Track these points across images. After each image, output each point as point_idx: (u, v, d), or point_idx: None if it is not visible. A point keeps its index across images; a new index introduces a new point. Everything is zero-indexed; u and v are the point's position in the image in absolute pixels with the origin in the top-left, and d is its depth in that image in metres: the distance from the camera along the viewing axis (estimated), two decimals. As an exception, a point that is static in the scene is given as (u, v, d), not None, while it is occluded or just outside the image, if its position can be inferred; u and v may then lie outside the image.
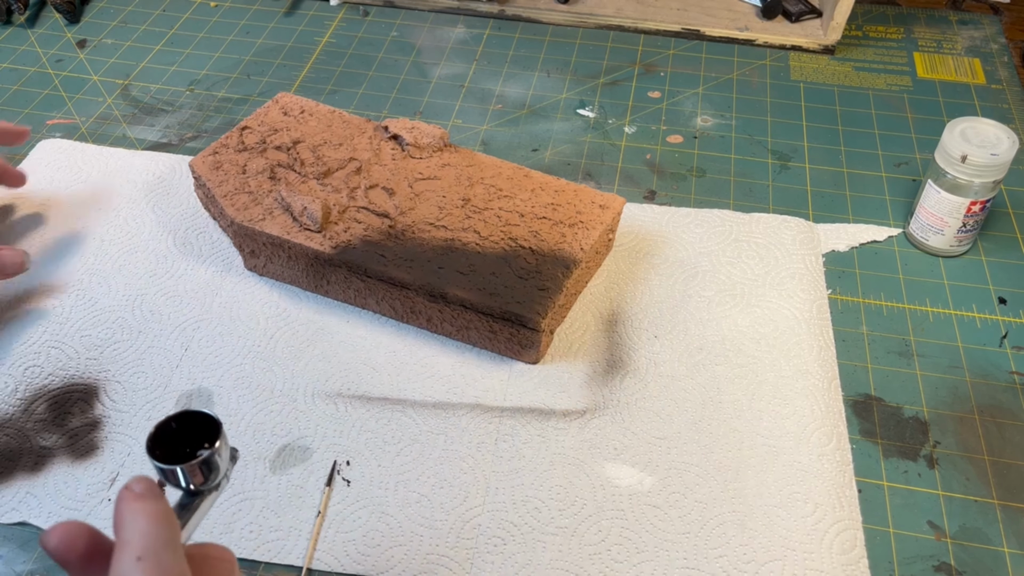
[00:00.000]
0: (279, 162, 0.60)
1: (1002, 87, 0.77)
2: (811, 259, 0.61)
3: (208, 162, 0.60)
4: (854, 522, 0.47)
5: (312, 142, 0.62)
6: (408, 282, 0.53)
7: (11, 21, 0.85)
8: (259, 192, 0.58)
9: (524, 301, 0.52)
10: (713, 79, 0.78)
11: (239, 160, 0.60)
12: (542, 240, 0.55)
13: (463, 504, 0.48)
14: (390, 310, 0.56)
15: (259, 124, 0.63)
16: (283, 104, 0.65)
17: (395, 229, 0.56)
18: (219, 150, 0.61)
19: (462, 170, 0.60)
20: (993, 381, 0.54)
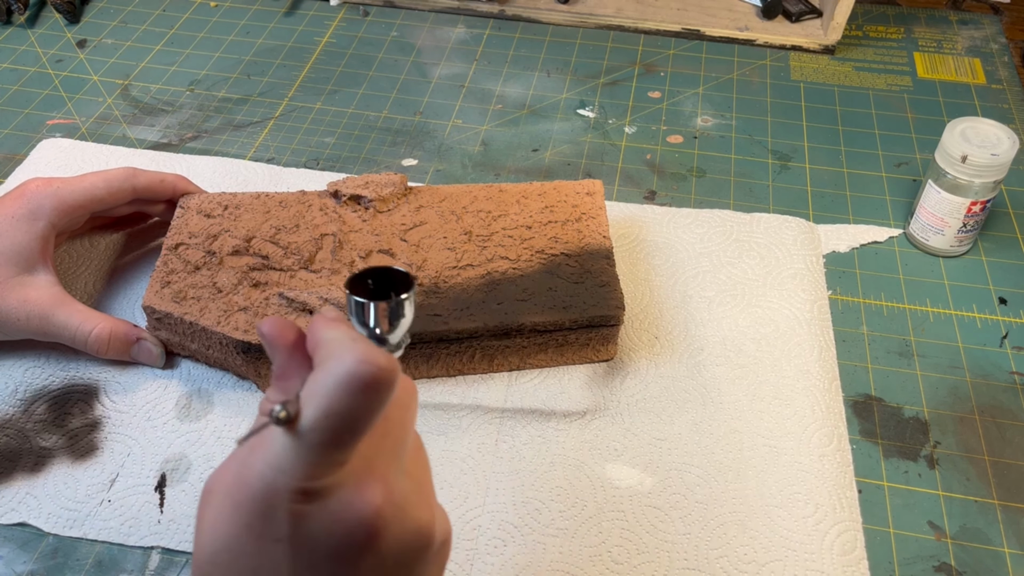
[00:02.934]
0: (249, 266, 0.53)
1: (1002, 87, 0.77)
2: (812, 259, 0.61)
3: (166, 295, 0.52)
4: (854, 523, 0.47)
5: (264, 234, 0.55)
6: (476, 330, 0.51)
7: (11, 21, 0.85)
8: (253, 305, 0.51)
9: (598, 303, 0.52)
10: (713, 79, 0.78)
11: (201, 281, 0.53)
12: (566, 243, 0.55)
13: (463, 505, 0.48)
14: (445, 370, 0.53)
15: (190, 236, 0.55)
16: (196, 206, 0.57)
17: (425, 286, 0.52)
18: (169, 279, 0.53)
19: (439, 207, 0.57)
20: (993, 381, 0.54)
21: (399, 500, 0.29)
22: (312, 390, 0.27)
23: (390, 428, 0.29)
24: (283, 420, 0.26)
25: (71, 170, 0.67)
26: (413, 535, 0.29)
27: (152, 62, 0.80)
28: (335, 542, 0.27)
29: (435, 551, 0.30)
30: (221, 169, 0.68)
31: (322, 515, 0.27)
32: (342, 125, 0.73)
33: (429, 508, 0.30)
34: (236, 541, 0.27)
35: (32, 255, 0.52)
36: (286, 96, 0.76)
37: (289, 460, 0.27)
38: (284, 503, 0.27)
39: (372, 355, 0.27)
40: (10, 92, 0.76)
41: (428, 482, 0.32)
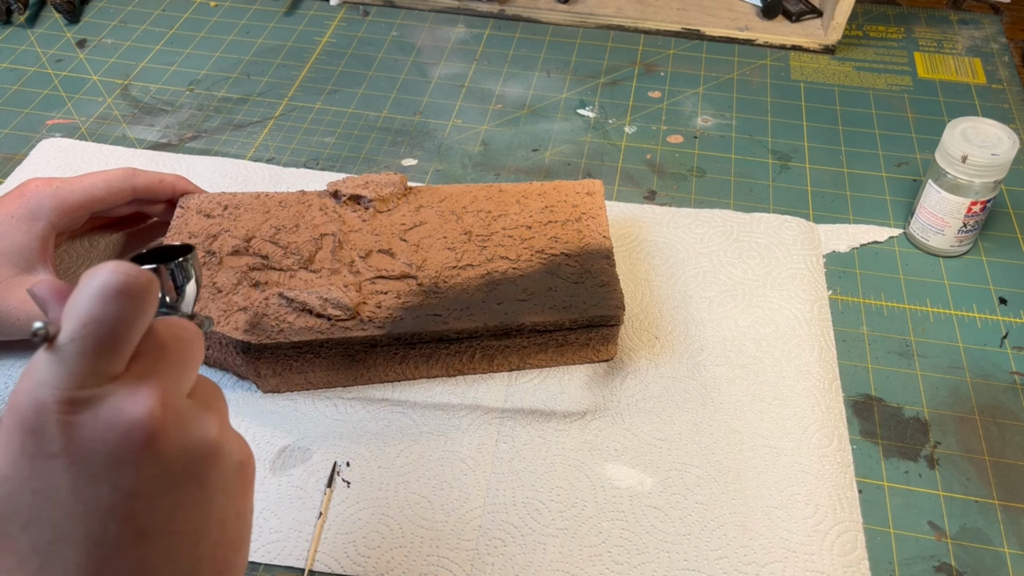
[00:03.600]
0: (249, 266, 0.53)
1: (1002, 87, 0.77)
2: (812, 259, 0.61)
3: None
4: (855, 523, 0.47)
5: (264, 234, 0.55)
6: (476, 330, 0.51)
7: (11, 21, 0.85)
8: (253, 305, 0.51)
9: (598, 303, 0.52)
10: (713, 79, 0.78)
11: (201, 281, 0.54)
12: (566, 243, 0.55)
13: (463, 506, 0.48)
14: (445, 370, 0.53)
15: (190, 236, 0.55)
16: (196, 206, 0.57)
17: (425, 286, 0.52)
18: None
19: (439, 207, 0.57)
20: (994, 381, 0.54)
21: (179, 410, 0.28)
22: (69, 307, 0.27)
23: (166, 353, 0.29)
24: (42, 336, 0.26)
25: (71, 170, 0.67)
26: (196, 443, 0.28)
27: (152, 62, 0.80)
28: (111, 448, 0.26)
29: (230, 468, 0.29)
30: (221, 169, 0.68)
31: (94, 422, 0.26)
32: (342, 125, 0.73)
33: (216, 423, 0.29)
34: (14, 467, 0.27)
35: (32, 255, 0.52)
36: (286, 96, 0.76)
37: (52, 373, 0.26)
38: (52, 416, 0.26)
39: (122, 265, 0.27)
40: (10, 92, 0.76)
41: (220, 408, 0.31)
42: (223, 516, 0.29)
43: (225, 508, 0.29)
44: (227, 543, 0.29)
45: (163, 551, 0.27)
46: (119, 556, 0.26)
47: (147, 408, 0.27)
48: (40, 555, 0.26)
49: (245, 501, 0.31)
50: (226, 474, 0.29)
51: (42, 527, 0.26)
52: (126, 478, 0.26)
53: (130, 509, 0.26)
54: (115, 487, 0.26)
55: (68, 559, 0.26)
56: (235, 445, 0.30)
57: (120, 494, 0.26)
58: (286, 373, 0.52)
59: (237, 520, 0.30)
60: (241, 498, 0.30)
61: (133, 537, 0.27)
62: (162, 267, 0.34)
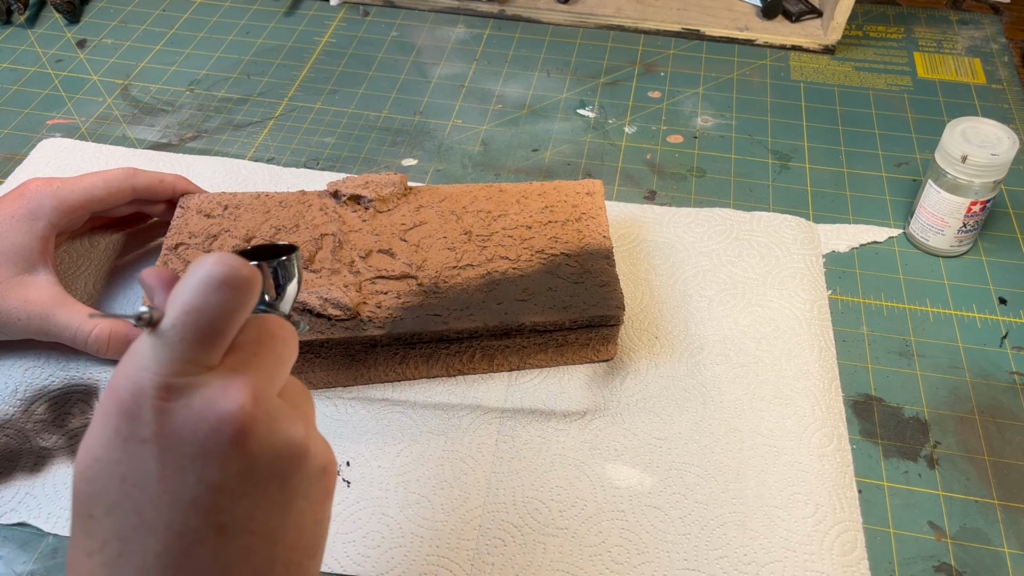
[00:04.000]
0: None
1: (1002, 87, 0.77)
2: (812, 259, 0.61)
3: None
4: (854, 523, 0.47)
5: (264, 234, 0.55)
6: (476, 330, 0.51)
7: (11, 21, 0.85)
8: None
9: (598, 302, 0.52)
10: (713, 79, 0.78)
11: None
12: (566, 243, 0.55)
13: (463, 505, 0.48)
14: (445, 370, 0.53)
15: (190, 236, 0.55)
16: (196, 206, 0.57)
17: (425, 286, 0.52)
18: None
19: (439, 207, 0.57)
20: (993, 381, 0.54)
21: (269, 408, 0.28)
22: (174, 295, 0.28)
23: (261, 350, 0.29)
24: (145, 321, 0.27)
25: (71, 170, 0.67)
26: (284, 443, 0.28)
27: (152, 62, 0.80)
28: (200, 439, 0.26)
29: (312, 473, 0.30)
30: (221, 169, 0.68)
31: (186, 412, 0.27)
32: (342, 125, 0.73)
33: (303, 426, 0.29)
34: (105, 449, 0.27)
35: (32, 255, 0.52)
36: (286, 96, 0.76)
37: (152, 358, 0.27)
38: (148, 400, 0.26)
39: (227, 257, 0.28)
40: (10, 92, 0.76)
41: (308, 412, 0.31)
42: (301, 521, 0.29)
43: (304, 513, 0.29)
44: (303, 548, 0.29)
45: (240, 550, 0.27)
46: (198, 550, 0.27)
47: (239, 403, 0.27)
48: (121, 540, 0.27)
49: (324, 508, 0.31)
50: (308, 478, 0.29)
51: (126, 513, 0.27)
52: (212, 471, 0.27)
53: (213, 503, 0.27)
54: (200, 479, 0.26)
55: (148, 547, 0.26)
56: (320, 450, 0.30)
57: (205, 487, 0.26)
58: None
59: (314, 526, 0.30)
60: (320, 504, 0.30)
61: (213, 532, 0.27)
62: (264, 264, 0.34)
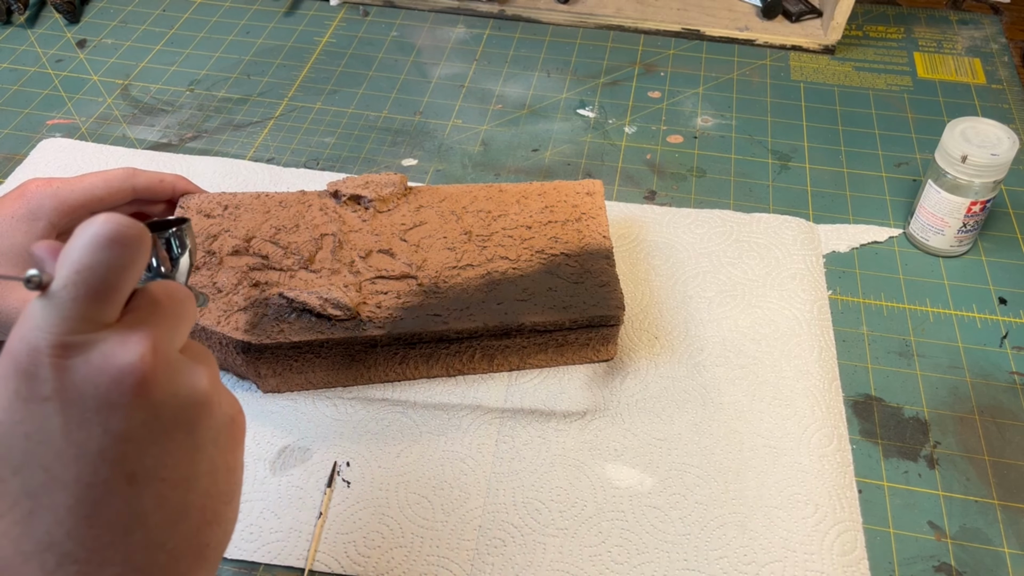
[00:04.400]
0: (249, 265, 0.53)
1: (1002, 87, 0.77)
2: (812, 259, 0.61)
3: None
4: (854, 523, 0.47)
5: (264, 234, 0.55)
6: (476, 330, 0.51)
7: (11, 21, 0.85)
8: (253, 305, 0.51)
9: (598, 302, 0.52)
10: (713, 79, 0.78)
11: (200, 281, 0.53)
12: (566, 243, 0.55)
13: (463, 505, 0.48)
14: (445, 370, 0.53)
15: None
16: (196, 206, 0.57)
17: (425, 286, 0.52)
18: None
19: (439, 207, 0.57)
20: (993, 381, 0.54)
21: (169, 359, 0.28)
22: (63, 256, 0.28)
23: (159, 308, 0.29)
24: (35, 284, 0.27)
25: (71, 170, 0.67)
26: (187, 392, 0.28)
27: (152, 62, 0.80)
28: (102, 391, 0.27)
29: (221, 421, 0.30)
30: (221, 169, 0.68)
31: (86, 367, 0.27)
32: (342, 125, 0.73)
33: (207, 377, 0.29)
34: (6, 412, 0.27)
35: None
36: (286, 96, 0.76)
37: (45, 318, 0.27)
38: (46, 359, 0.26)
39: (114, 216, 0.28)
40: (10, 92, 0.76)
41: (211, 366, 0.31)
42: (213, 468, 0.29)
43: (215, 460, 0.30)
44: (217, 494, 0.30)
45: (153, 496, 0.27)
46: (109, 499, 0.27)
47: (138, 354, 0.27)
48: (31, 498, 0.27)
49: (235, 456, 0.31)
50: (216, 426, 0.30)
51: (33, 470, 0.27)
52: (116, 421, 0.27)
53: (120, 453, 0.27)
54: (106, 430, 0.27)
55: (59, 502, 0.27)
56: (225, 400, 0.31)
57: (110, 437, 0.27)
58: (286, 373, 0.52)
59: (228, 473, 0.30)
60: (231, 452, 0.31)
61: (123, 481, 0.27)
62: (155, 235, 0.34)
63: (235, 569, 0.45)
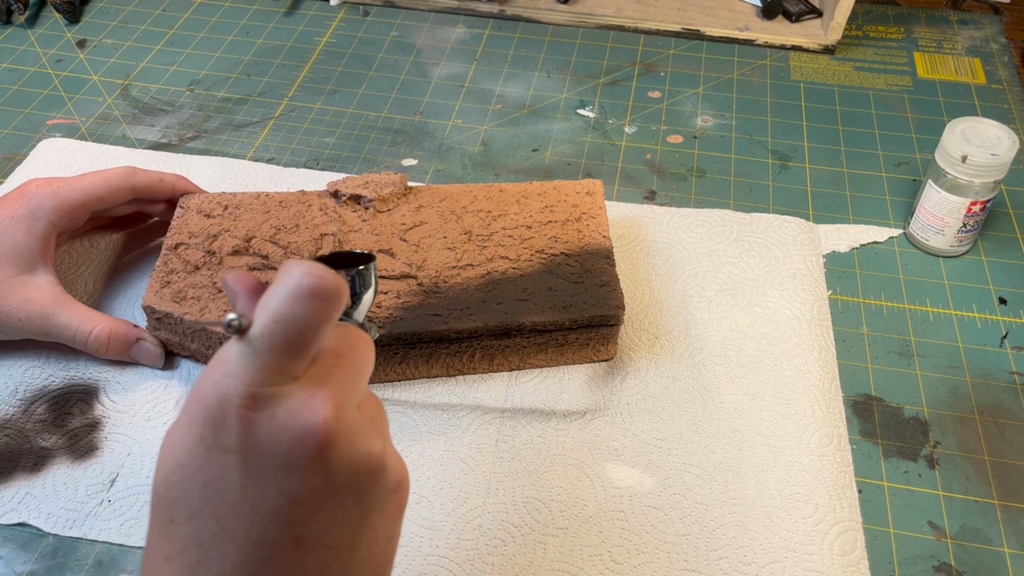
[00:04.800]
0: (249, 265, 0.53)
1: (1002, 87, 0.77)
2: (812, 259, 0.61)
3: (166, 295, 0.52)
4: (854, 523, 0.47)
5: (264, 234, 0.55)
6: (477, 329, 0.51)
7: (11, 21, 0.85)
8: None
9: (598, 302, 0.52)
10: (713, 79, 0.78)
11: (201, 281, 0.52)
12: (566, 242, 0.55)
13: (463, 505, 0.48)
14: (445, 370, 0.53)
15: (190, 236, 0.55)
16: (196, 206, 0.57)
17: (425, 286, 0.52)
18: (168, 279, 0.53)
19: (439, 207, 0.57)
20: (993, 381, 0.54)
21: (349, 423, 0.28)
22: (263, 303, 0.28)
23: (343, 361, 0.30)
24: (235, 328, 0.27)
25: (71, 170, 0.67)
26: (363, 457, 0.28)
27: (152, 62, 0.80)
28: (283, 451, 0.27)
29: (388, 487, 0.30)
30: (221, 169, 0.68)
31: (271, 423, 0.27)
32: (342, 125, 0.73)
33: (381, 441, 0.30)
34: (189, 456, 0.27)
35: (32, 255, 0.52)
36: (286, 96, 0.76)
37: (239, 366, 0.27)
38: (234, 409, 0.27)
39: (316, 268, 0.28)
40: (10, 92, 0.76)
41: (384, 427, 0.31)
42: (375, 537, 0.29)
43: (377, 529, 0.30)
44: (374, 565, 0.30)
45: (316, 564, 0.27)
46: (275, 562, 0.27)
47: (323, 416, 0.27)
48: (200, 548, 0.27)
49: (396, 524, 0.31)
50: (384, 494, 0.30)
51: (207, 520, 0.27)
52: (293, 483, 0.27)
53: (293, 516, 0.27)
54: (281, 491, 0.27)
55: (227, 556, 0.27)
56: (395, 465, 0.31)
57: (285, 499, 0.27)
58: None
59: (386, 543, 0.30)
60: (392, 520, 0.31)
61: (291, 545, 0.27)
62: (343, 272, 0.33)
63: (235, 569, 0.45)
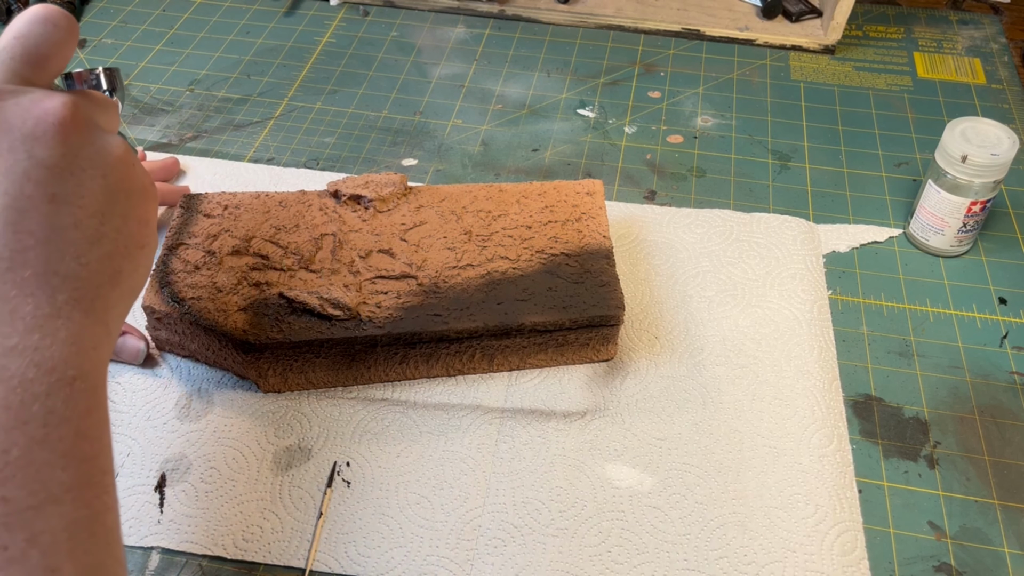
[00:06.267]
0: (249, 265, 0.53)
1: (1002, 87, 0.77)
2: (812, 259, 0.61)
3: (166, 295, 0.52)
4: (855, 523, 0.47)
5: (264, 234, 0.55)
6: (476, 330, 0.51)
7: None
8: (253, 305, 0.51)
9: (598, 303, 0.52)
10: (713, 79, 0.78)
11: (201, 281, 0.52)
12: (566, 243, 0.55)
13: (463, 505, 0.48)
14: (445, 370, 0.54)
15: (189, 237, 0.55)
16: (196, 206, 0.57)
17: (425, 286, 0.52)
18: (168, 279, 0.53)
19: (440, 207, 0.57)
20: (993, 381, 0.54)
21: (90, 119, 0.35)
22: (7, 28, 0.35)
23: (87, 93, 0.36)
24: None
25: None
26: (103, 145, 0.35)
27: (152, 62, 0.80)
28: (29, 125, 0.32)
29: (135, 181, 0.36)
30: (221, 169, 0.68)
31: (16, 106, 0.33)
32: (342, 125, 0.73)
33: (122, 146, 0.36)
34: None
35: None
36: (286, 96, 0.76)
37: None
38: None
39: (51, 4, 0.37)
40: (10, 92, 0.76)
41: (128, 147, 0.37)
42: (126, 214, 0.35)
43: (128, 210, 0.35)
44: (129, 234, 0.35)
45: (70, 216, 0.33)
46: (32, 212, 0.32)
47: (60, 102, 0.33)
48: None
49: (147, 213, 0.37)
50: (130, 184, 0.36)
51: None
52: (40, 150, 0.32)
53: (42, 176, 0.32)
54: (30, 155, 0.32)
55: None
56: (142, 172, 0.37)
57: (34, 162, 0.32)
58: (286, 373, 0.52)
59: (139, 224, 0.36)
60: (143, 209, 0.37)
61: (45, 199, 0.32)
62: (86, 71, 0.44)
63: (235, 569, 0.45)
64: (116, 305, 0.35)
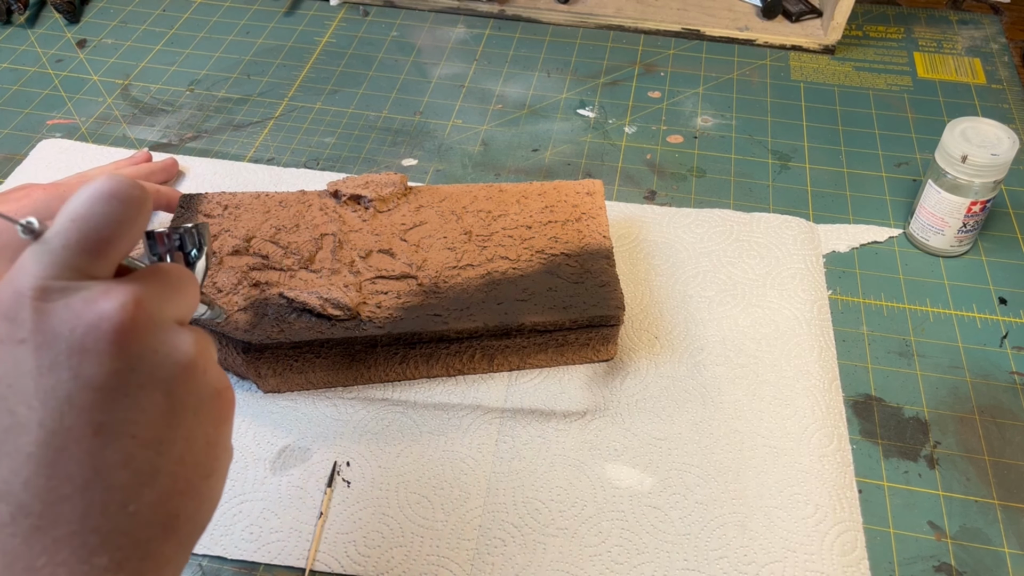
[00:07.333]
0: (249, 265, 0.53)
1: (1002, 87, 0.77)
2: (812, 259, 0.61)
3: None
4: (855, 523, 0.47)
5: (264, 234, 0.55)
6: (476, 330, 0.51)
7: (11, 21, 0.85)
8: (253, 305, 0.51)
9: (598, 303, 0.52)
10: (713, 79, 0.78)
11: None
12: (566, 243, 0.55)
13: (463, 505, 0.48)
14: (445, 370, 0.53)
15: None
16: (196, 206, 0.57)
17: (426, 286, 0.52)
18: None
19: (439, 207, 0.57)
20: (993, 381, 0.54)
21: (154, 316, 0.27)
22: (63, 207, 0.28)
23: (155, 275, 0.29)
24: (30, 230, 0.27)
25: (70, 170, 0.67)
26: (168, 351, 0.27)
27: (152, 62, 0.80)
28: (78, 336, 0.26)
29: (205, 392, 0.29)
30: (221, 169, 0.68)
31: (65, 311, 0.26)
32: (342, 125, 0.73)
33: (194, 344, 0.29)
34: None
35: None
36: (286, 96, 0.76)
37: (33, 262, 0.27)
38: (27, 302, 0.26)
39: (117, 174, 0.28)
40: (10, 92, 0.76)
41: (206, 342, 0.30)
42: (191, 436, 0.28)
43: (194, 429, 0.29)
44: (193, 464, 0.29)
45: (118, 452, 0.26)
46: (73, 449, 0.26)
47: (119, 303, 0.26)
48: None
49: (218, 430, 0.30)
50: (199, 395, 0.29)
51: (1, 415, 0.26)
52: (88, 368, 0.26)
53: (89, 401, 0.26)
54: (76, 375, 0.26)
55: (21, 447, 0.25)
56: (216, 373, 0.30)
57: (80, 383, 0.26)
58: (286, 373, 0.52)
59: (207, 447, 0.29)
60: (213, 426, 0.30)
61: (90, 432, 0.26)
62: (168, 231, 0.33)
63: (235, 569, 0.45)
64: (172, 560, 0.28)
